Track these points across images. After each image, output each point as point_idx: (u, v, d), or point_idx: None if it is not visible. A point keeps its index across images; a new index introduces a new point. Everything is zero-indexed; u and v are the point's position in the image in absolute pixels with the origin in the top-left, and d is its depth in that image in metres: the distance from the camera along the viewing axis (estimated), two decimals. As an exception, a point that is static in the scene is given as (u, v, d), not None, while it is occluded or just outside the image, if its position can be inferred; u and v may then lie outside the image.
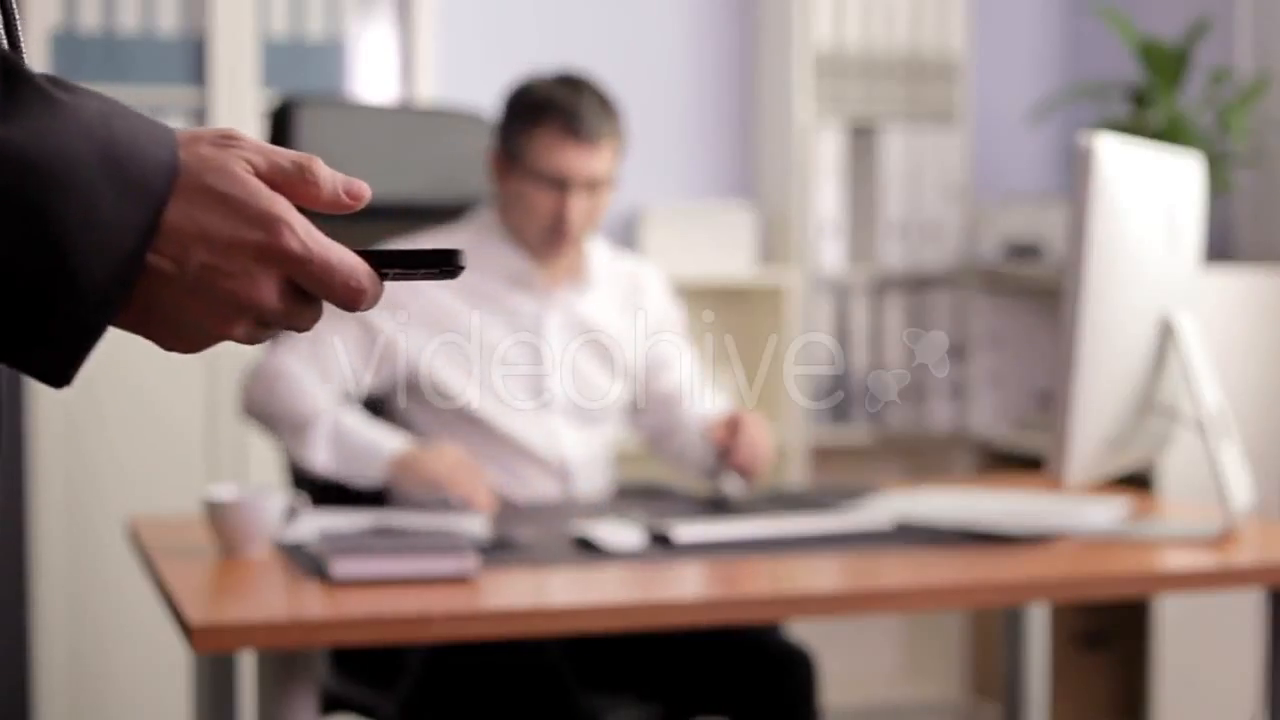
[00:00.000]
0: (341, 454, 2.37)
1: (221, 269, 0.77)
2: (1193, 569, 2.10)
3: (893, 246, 3.95)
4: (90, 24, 3.37)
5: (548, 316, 2.53)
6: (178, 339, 0.80)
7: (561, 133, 2.43)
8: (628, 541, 2.10)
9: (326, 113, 2.65)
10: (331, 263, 0.79)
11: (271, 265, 0.78)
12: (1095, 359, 2.11)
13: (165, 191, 0.75)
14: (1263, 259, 3.66)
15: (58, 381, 0.77)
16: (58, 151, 0.73)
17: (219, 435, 3.41)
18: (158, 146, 0.76)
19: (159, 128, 0.77)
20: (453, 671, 2.19)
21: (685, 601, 1.89)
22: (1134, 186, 2.15)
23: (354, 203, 0.82)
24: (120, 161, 0.74)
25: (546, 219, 2.46)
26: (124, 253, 0.74)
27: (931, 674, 4.10)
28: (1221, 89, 3.61)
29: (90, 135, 0.74)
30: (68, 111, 0.74)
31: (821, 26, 3.88)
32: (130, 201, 0.74)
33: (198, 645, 1.70)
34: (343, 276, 0.79)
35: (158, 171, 0.75)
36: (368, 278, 0.80)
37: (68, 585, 3.34)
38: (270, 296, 0.78)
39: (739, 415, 2.44)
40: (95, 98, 0.76)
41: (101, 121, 0.74)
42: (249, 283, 0.78)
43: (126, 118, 0.76)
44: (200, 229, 0.76)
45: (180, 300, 0.78)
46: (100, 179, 0.73)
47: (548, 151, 2.44)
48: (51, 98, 0.74)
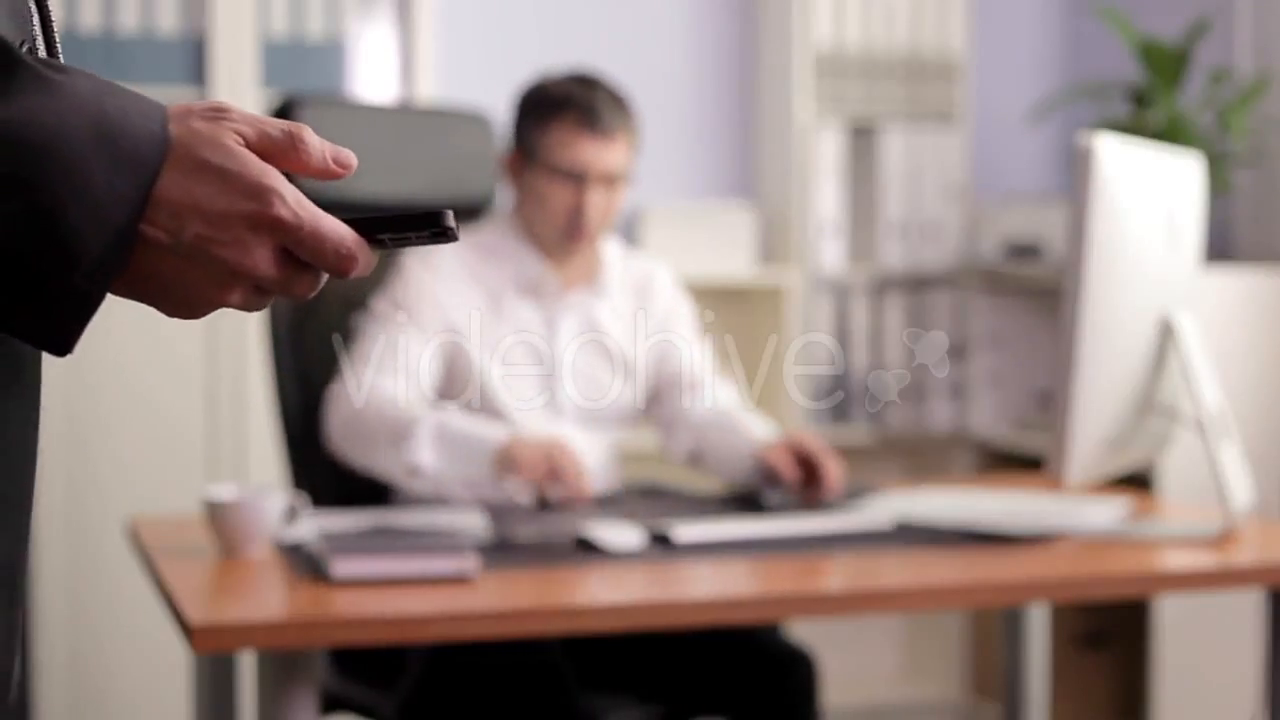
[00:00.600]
0: (447, 453, 2.27)
1: (215, 238, 0.80)
2: (1193, 569, 2.10)
3: (893, 246, 3.95)
4: (90, 24, 3.37)
5: (561, 321, 2.52)
6: (176, 306, 0.83)
7: (578, 126, 2.44)
8: (628, 542, 2.10)
9: (326, 113, 2.65)
10: (323, 231, 0.82)
11: (264, 234, 0.81)
12: (1095, 359, 2.11)
13: (157, 164, 0.78)
14: (1263, 259, 3.66)
15: (59, 350, 0.79)
16: (51, 128, 0.75)
17: (219, 435, 3.41)
18: (148, 121, 0.79)
19: (150, 103, 0.80)
20: (453, 671, 2.19)
21: (686, 601, 1.89)
22: (1134, 186, 2.15)
23: (343, 170, 0.87)
24: (112, 136, 0.77)
25: (564, 214, 2.45)
26: (117, 224, 0.77)
27: (931, 674, 4.10)
28: (1221, 89, 3.61)
29: (82, 111, 0.76)
30: (60, 89, 0.76)
31: (821, 26, 3.88)
32: (122, 174, 0.77)
33: (198, 645, 1.70)
34: (333, 244, 0.83)
35: (149, 145, 0.78)
36: (357, 244, 0.84)
37: (68, 585, 3.34)
38: (265, 264, 0.81)
39: (805, 443, 2.38)
40: (87, 77, 0.78)
41: (94, 98, 0.77)
42: (242, 251, 0.81)
43: (118, 94, 0.78)
44: (193, 200, 0.79)
45: (177, 269, 0.80)
46: (92, 153, 0.76)
47: (564, 145, 2.44)
48: (44, 77, 0.76)
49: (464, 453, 2.27)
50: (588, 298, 2.54)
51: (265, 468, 3.39)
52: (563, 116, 2.45)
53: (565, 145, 2.44)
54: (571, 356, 2.51)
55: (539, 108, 2.48)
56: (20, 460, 0.87)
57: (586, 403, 2.52)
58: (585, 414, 2.52)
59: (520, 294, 2.50)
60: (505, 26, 3.88)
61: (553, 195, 2.45)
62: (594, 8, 3.95)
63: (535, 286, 2.51)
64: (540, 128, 2.47)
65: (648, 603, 1.88)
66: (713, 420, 2.55)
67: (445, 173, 2.77)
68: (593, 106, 2.44)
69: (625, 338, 2.56)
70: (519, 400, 2.47)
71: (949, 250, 3.99)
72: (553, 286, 2.51)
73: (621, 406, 2.57)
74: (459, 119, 2.81)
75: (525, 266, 2.51)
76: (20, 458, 0.87)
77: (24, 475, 0.87)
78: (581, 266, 2.55)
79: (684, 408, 2.58)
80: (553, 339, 2.50)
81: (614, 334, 2.55)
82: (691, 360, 2.61)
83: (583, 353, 2.53)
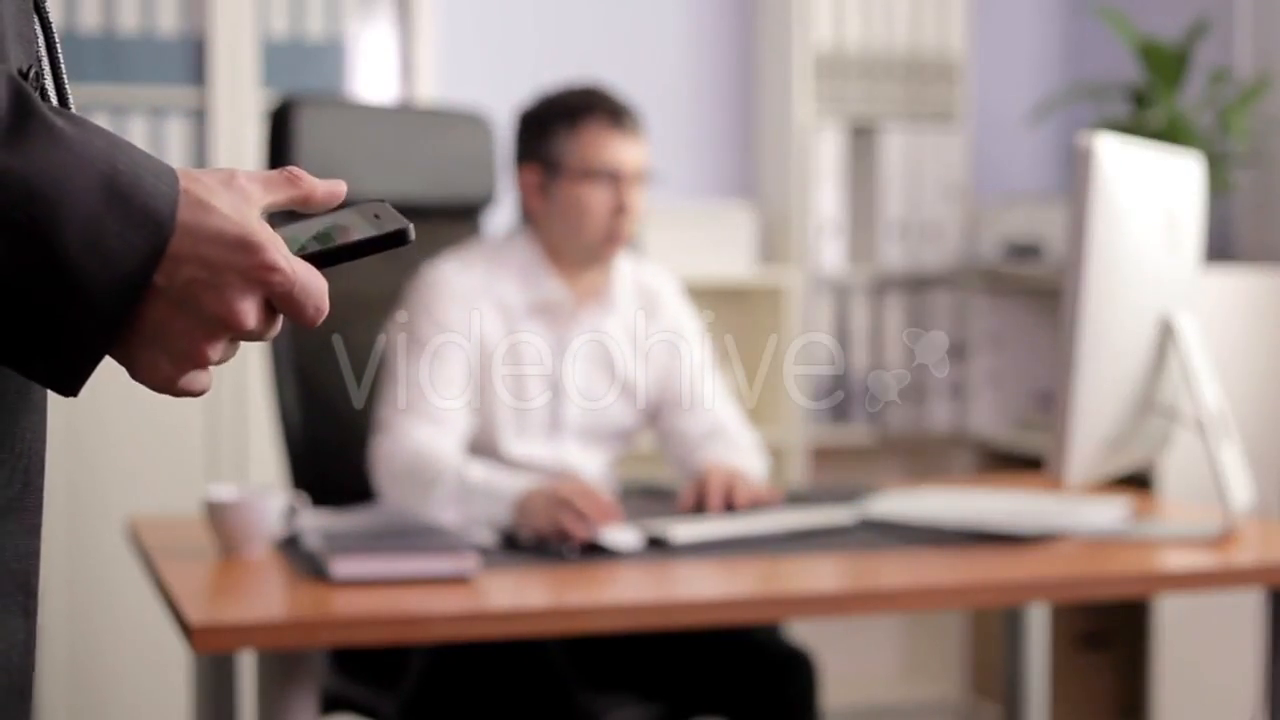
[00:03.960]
0: (467, 508, 2.25)
1: (210, 284, 0.83)
2: (1193, 569, 2.10)
3: (893, 246, 3.95)
4: (90, 24, 3.37)
5: (572, 340, 2.50)
6: (157, 363, 0.85)
7: (608, 126, 2.43)
8: (628, 542, 2.10)
9: (326, 113, 2.65)
10: (309, 289, 0.86)
11: (256, 286, 0.84)
12: (1095, 359, 2.11)
13: (171, 221, 0.81)
14: (1263, 259, 3.66)
15: (67, 391, 0.82)
16: (58, 180, 0.78)
17: (219, 435, 3.41)
18: (159, 180, 0.82)
19: (160, 164, 0.83)
20: (453, 671, 2.19)
21: (686, 601, 1.89)
22: (1134, 186, 2.15)
23: (338, 198, 0.90)
24: (124, 192, 0.80)
25: (606, 216, 2.42)
26: (129, 276, 0.80)
27: (931, 674, 4.10)
28: (1221, 89, 3.61)
29: (93, 167, 0.79)
30: (72, 144, 0.79)
31: (821, 26, 3.88)
32: (135, 229, 0.80)
33: (198, 645, 1.70)
34: (314, 301, 0.86)
35: (162, 202, 0.81)
36: (325, 299, 0.87)
37: (68, 585, 3.34)
38: (251, 315, 0.84)
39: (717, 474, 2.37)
40: (100, 133, 0.81)
41: (105, 156, 0.80)
42: (233, 301, 0.83)
43: (130, 152, 0.81)
44: (198, 253, 0.82)
45: (168, 316, 0.83)
46: (104, 208, 0.79)
47: (598, 147, 2.42)
48: (56, 130, 0.79)
49: (484, 505, 2.24)
50: (598, 315, 2.52)
51: (265, 468, 3.39)
52: (590, 119, 2.43)
53: (599, 146, 2.42)
54: (577, 376, 2.50)
55: (562, 116, 2.45)
56: (35, 471, 0.89)
57: (589, 421, 2.51)
58: (587, 432, 2.51)
59: (532, 314, 2.48)
60: (505, 27, 3.88)
61: (592, 199, 2.42)
62: (594, 8, 3.95)
63: (549, 306, 2.48)
64: (568, 134, 2.44)
65: (648, 603, 1.88)
66: (705, 442, 2.55)
67: (444, 173, 2.77)
68: (616, 106, 2.45)
69: (634, 353, 2.55)
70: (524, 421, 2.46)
71: (949, 250, 3.99)
72: (567, 305, 2.49)
73: (623, 424, 2.56)
74: (459, 119, 2.80)
75: (541, 286, 2.47)
76: (35, 468, 0.89)
77: (38, 485, 0.90)
78: (594, 283, 2.52)
79: (683, 428, 2.57)
80: (561, 358, 2.49)
81: (621, 351, 2.54)
82: (694, 378, 2.60)
83: (588, 372, 2.51)
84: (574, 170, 2.43)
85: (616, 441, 2.57)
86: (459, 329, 2.42)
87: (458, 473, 2.28)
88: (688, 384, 2.59)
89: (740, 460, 2.48)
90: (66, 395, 0.82)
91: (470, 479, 2.27)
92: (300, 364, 2.59)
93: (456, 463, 2.30)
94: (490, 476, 2.28)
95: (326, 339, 2.57)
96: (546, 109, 2.48)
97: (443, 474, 2.28)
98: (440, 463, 2.30)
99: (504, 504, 2.22)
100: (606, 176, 2.42)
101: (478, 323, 2.44)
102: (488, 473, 2.29)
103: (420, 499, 2.29)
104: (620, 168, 2.43)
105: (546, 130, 2.46)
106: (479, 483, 2.27)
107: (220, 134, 3.39)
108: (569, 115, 2.44)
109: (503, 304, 2.46)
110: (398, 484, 2.32)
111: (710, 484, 2.34)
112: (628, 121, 2.45)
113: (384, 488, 2.35)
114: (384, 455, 2.34)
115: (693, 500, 2.35)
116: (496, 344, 2.45)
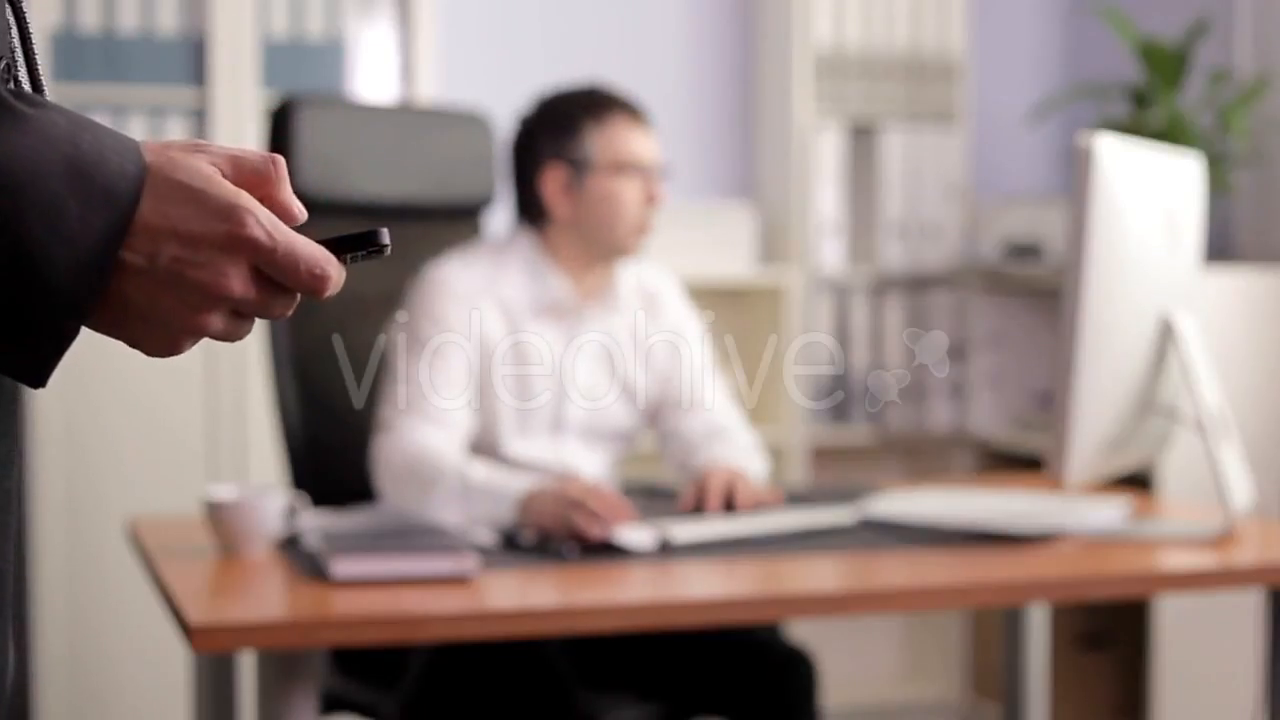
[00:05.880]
0: (469, 508, 2.26)
1: (190, 260, 0.81)
2: (1193, 569, 2.10)
3: (893, 246, 3.96)
4: (90, 24, 3.37)
5: (576, 340, 2.50)
6: (155, 337, 0.83)
7: (631, 121, 2.48)
8: (642, 541, 2.10)
9: (326, 113, 2.65)
10: (296, 251, 0.83)
11: (238, 255, 0.82)
12: (1095, 359, 2.11)
13: (132, 200, 0.79)
14: (1263, 259, 3.66)
15: (34, 381, 0.81)
16: (21, 164, 0.76)
17: (219, 435, 3.41)
18: (123, 157, 0.80)
19: (124, 139, 0.81)
20: (453, 671, 2.19)
21: (686, 601, 1.89)
22: (1134, 186, 2.15)
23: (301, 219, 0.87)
24: (87, 172, 0.78)
25: (638, 207, 2.47)
26: (91, 259, 0.78)
27: (931, 674, 4.10)
28: (1221, 89, 3.61)
29: (55, 148, 0.77)
30: (33, 126, 0.78)
31: (821, 26, 3.88)
32: (96, 209, 0.78)
33: (198, 645, 1.70)
34: (308, 264, 0.83)
35: (124, 180, 0.79)
36: (332, 265, 0.84)
37: (68, 585, 3.34)
38: (240, 285, 0.82)
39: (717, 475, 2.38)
40: (62, 113, 0.79)
41: (68, 135, 0.78)
42: (217, 272, 0.81)
43: (93, 131, 0.80)
44: (170, 224, 0.80)
45: (153, 294, 0.81)
46: (66, 189, 0.77)
47: (626, 140, 2.47)
48: (16, 112, 0.77)
49: (486, 505, 2.25)
50: (603, 314, 2.52)
51: (265, 468, 3.39)
52: (615, 115, 2.47)
53: (627, 140, 2.46)
54: (580, 375, 2.50)
55: (582, 114, 2.46)
56: None
57: (590, 421, 2.51)
58: (588, 432, 2.51)
59: (537, 314, 2.48)
60: (505, 27, 3.88)
61: (626, 191, 2.45)
62: (595, 8, 3.95)
63: (555, 306, 2.49)
64: (597, 131, 2.45)
65: (648, 603, 1.88)
66: (705, 443, 2.55)
67: (444, 173, 2.77)
68: (631, 103, 2.49)
69: (636, 353, 2.55)
70: (527, 422, 2.46)
71: (949, 250, 3.99)
72: (572, 305, 2.49)
73: (624, 425, 2.56)
74: (459, 119, 2.80)
75: (547, 285, 2.47)
76: None
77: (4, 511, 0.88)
78: (599, 282, 2.53)
79: (683, 428, 2.58)
80: (565, 358, 2.49)
81: (624, 351, 2.54)
82: (694, 379, 2.61)
83: (591, 371, 2.51)
84: (606, 165, 2.45)
85: (617, 442, 2.57)
86: (460, 329, 2.43)
87: (459, 472, 2.28)
88: (688, 384, 2.59)
89: (740, 461, 2.48)
90: (34, 386, 0.81)
91: (472, 479, 2.27)
92: (300, 364, 2.59)
93: (458, 462, 2.30)
94: (492, 476, 2.28)
95: (326, 339, 2.57)
96: (570, 107, 2.48)
97: (444, 473, 2.28)
98: (441, 462, 2.30)
99: (507, 503, 2.22)
100: (639, 169, 2.46)
101: (479, 322, 2.44)
102: (489, 472, 2.29)
103: (421, 499, 2.29)
104: (645, 159, 2.47)
105: (572, 129, 2.47)
106: (481, 482, 2.27)
107: (220, 134, 3.39)
108: (595, 113, 2.47)
109: (506, 304, 2.46)
110: (398, 484, 2.32)
111: (710, 485, 2.34)
112: (643, 116, 2.50)
113: (385, 487, 2.34)
114: (385, 455, 2.34)
115: (693, 501, 2.35)
116: (498, 343, 2.45)
